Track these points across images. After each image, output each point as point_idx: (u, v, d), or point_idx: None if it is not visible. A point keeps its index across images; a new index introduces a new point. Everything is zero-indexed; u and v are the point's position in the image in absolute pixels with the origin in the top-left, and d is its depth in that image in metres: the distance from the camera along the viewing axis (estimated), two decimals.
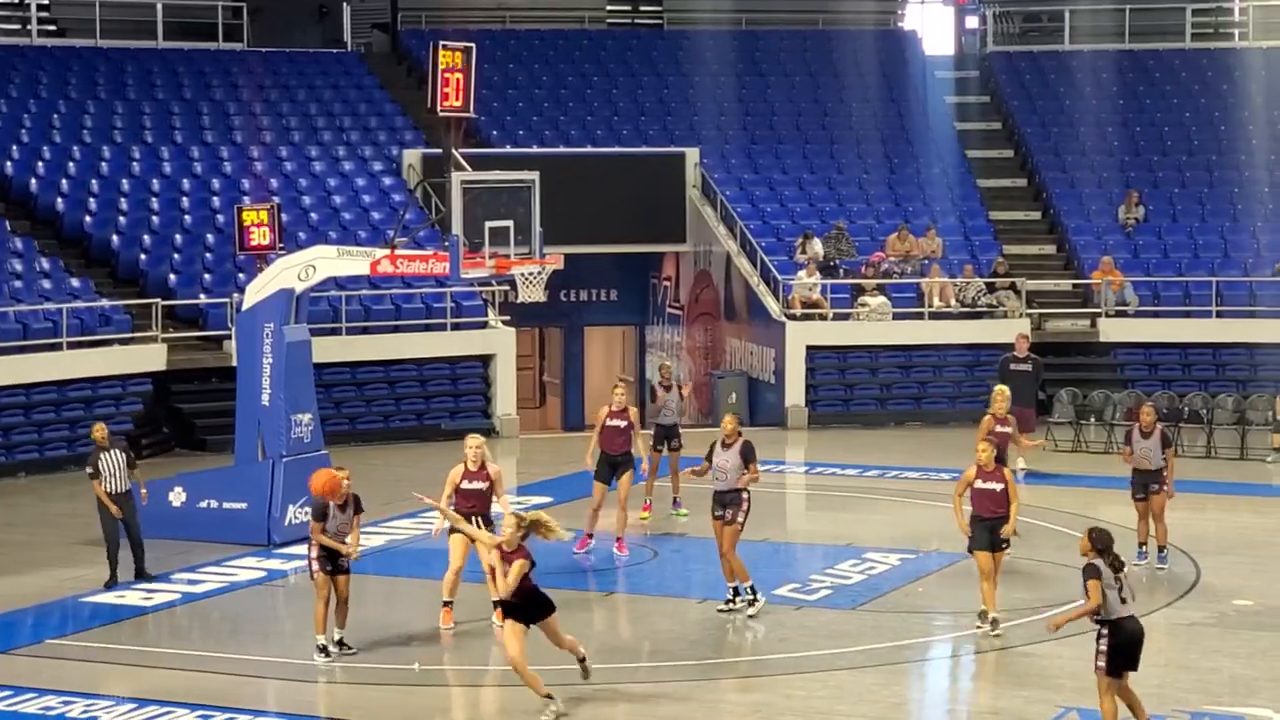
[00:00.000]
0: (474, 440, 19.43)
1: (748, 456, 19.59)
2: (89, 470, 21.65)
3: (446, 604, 19.16)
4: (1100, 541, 14.79)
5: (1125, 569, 14.88)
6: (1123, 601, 14.73)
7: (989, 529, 18.91)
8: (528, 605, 15.87)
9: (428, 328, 34.88)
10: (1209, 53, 45.10)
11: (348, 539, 17.99)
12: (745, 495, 19.56)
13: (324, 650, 17.82)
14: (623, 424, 22.52)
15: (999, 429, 22.90)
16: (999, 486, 18.88)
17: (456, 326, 35.01)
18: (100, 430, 21.76)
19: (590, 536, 22.71)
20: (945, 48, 46.95)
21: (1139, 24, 45.58)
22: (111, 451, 21.58)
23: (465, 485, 19.05)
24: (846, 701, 16.74)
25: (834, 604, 20.58)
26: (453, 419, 34.33)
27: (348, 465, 18.64)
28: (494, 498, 19.13)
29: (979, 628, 19.06)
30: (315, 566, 17.89)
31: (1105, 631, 14.78)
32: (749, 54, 44.56)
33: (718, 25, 45.20)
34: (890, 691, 17.24)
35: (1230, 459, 31.33)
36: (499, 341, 35.25)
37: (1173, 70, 44.62)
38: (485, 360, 35.15)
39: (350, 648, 17.98)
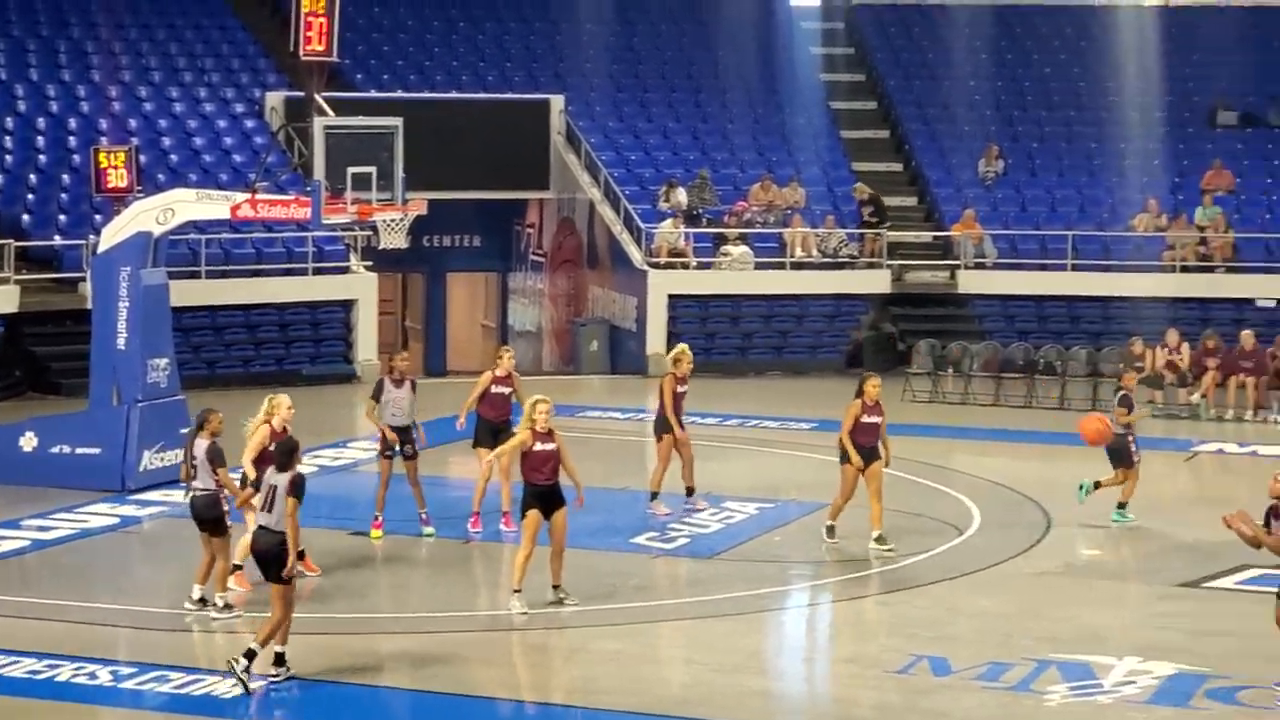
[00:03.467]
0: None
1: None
2: None
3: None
4: None
5: None
6: None
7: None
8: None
9: (289, 272, 34.64)
10: (1069, 10, 45.50)
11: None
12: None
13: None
14: (508, 390, 21.78)
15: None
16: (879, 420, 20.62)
17: (318, 271, 34.80)
18: None
19: (479, 514, 21.65)
20: None
21: None
22: None
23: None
24: (703, 650, 16.87)
25: (692, 553, 20.71)
26: (313, 364, 34.19)
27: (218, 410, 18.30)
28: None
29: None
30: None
31: None
32: (616, 1, 44.42)
33: None
34: (747, 640, 17.40)
35: (1083, 410, 31.65)
36: (361, 287, 35.09)
37: (1034, 26, 45.00)
38: (347, 305, 34.98)
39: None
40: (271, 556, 15.44)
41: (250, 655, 15.24)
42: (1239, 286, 36.71)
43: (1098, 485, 22.32)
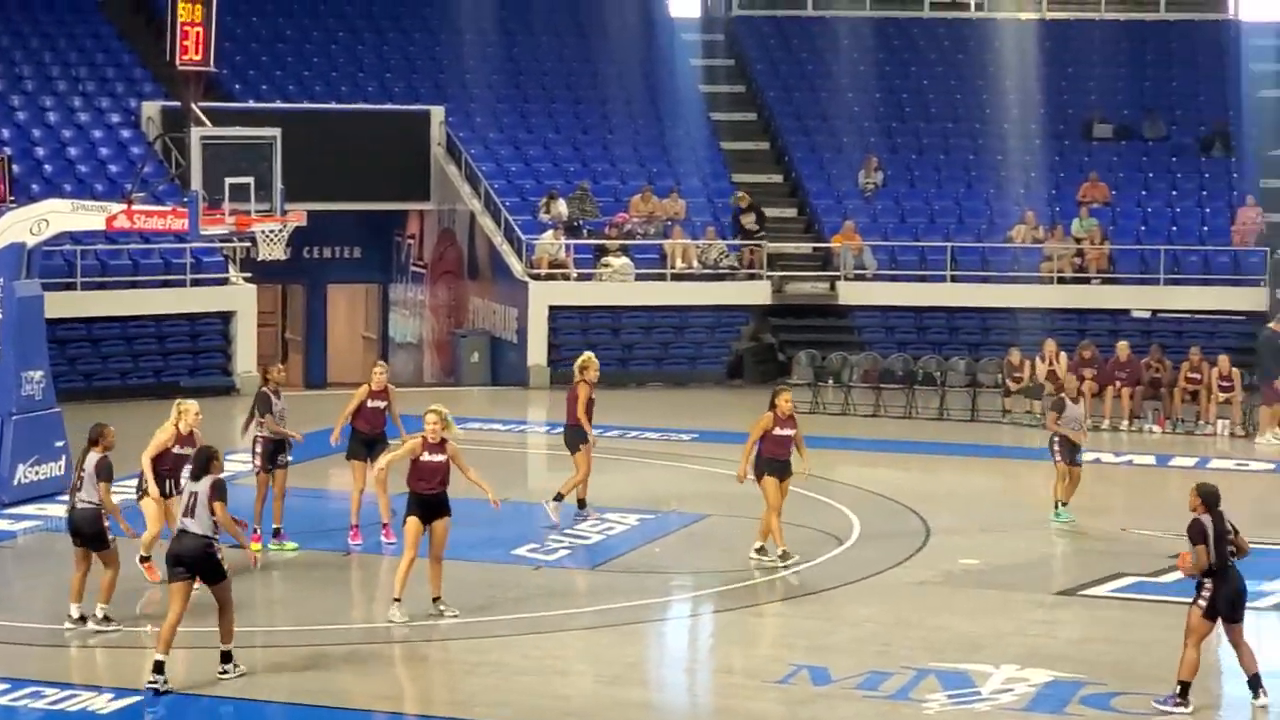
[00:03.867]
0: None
1: None
2: None
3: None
4: (1211, 498, 15.43)
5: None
6: (1233, 553, 15.34)
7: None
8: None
9: (166, 284, 34.33)
10: (946, 22, 45.92)
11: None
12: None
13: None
14: (383, 404, 21.82)
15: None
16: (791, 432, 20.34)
17: (196, 283, 34.50)
18: None
19: (358, 527, 21.53)
20: (691, 10, 47.11)
21: None
22: None
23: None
24: (583, 660, 16.88)
25: (572, 564, 20.71)
26: (192, 376, 33.89)
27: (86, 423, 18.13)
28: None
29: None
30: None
31: (1209, 583, 15.27)
32: (496, 12, 44.32)
33: None
34: (626, 651, 17.39)
35: (962, 420, 32.06)
36: (240, 298, 34.84)
37: (911, 38, 45.37)
38: (226, 317, 34.71)
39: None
40: (198, 558, 15.74)
41: (227, 657, 15.93)
42: (1115, 298, 37.17)
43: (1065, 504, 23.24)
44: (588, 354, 23.66)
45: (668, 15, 45.82)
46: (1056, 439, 23.05)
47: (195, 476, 15.97)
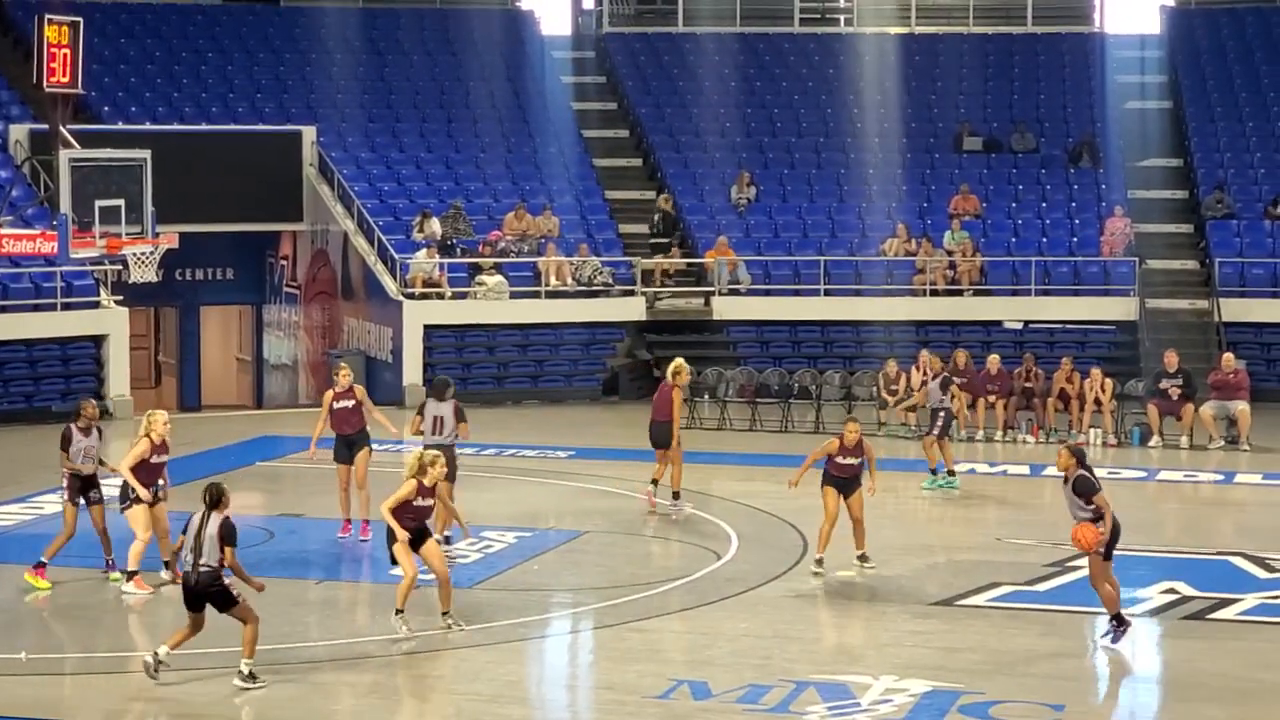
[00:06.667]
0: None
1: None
2: None
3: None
4: (1081, 454, 18.05)
5: None
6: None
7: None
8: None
9: (36, 308, 33.99)
10: (816, 37, 46.27)
11: None
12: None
13: None
14: (351, 403, 22.59)
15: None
16: (858, 460, 21.35)
17: (67, 306, 34.18)
18: None
19: (349, 521, 22.49)
20: (562, 28, 47.26)
21: (750, 7, 46.57)
22: None
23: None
24: (463, 680, 16.85)
25: (452, 583, 20.62)
26: (64, 400, 33.50)
27: None
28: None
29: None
30: None
31: (1105, 528, 17.54)
32: (366, 32, 44.34)
33: (336, 2, 44.84)
34: (506, 669, 17.37)
35: (837, 434, 32.11)
36: (112, 321, 34.54)
37: (782, 54, 45.68)
38: (98, 340, 34.40)
39: None
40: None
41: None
42: (987, 309, 37.53)
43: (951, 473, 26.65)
44: (679, 360, 24.91)
45: (538, 33, 45.91)
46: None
47: (440, 399, 20.41)
